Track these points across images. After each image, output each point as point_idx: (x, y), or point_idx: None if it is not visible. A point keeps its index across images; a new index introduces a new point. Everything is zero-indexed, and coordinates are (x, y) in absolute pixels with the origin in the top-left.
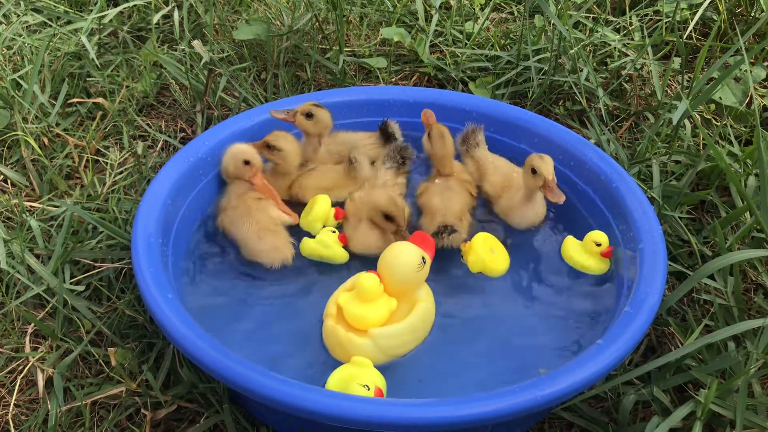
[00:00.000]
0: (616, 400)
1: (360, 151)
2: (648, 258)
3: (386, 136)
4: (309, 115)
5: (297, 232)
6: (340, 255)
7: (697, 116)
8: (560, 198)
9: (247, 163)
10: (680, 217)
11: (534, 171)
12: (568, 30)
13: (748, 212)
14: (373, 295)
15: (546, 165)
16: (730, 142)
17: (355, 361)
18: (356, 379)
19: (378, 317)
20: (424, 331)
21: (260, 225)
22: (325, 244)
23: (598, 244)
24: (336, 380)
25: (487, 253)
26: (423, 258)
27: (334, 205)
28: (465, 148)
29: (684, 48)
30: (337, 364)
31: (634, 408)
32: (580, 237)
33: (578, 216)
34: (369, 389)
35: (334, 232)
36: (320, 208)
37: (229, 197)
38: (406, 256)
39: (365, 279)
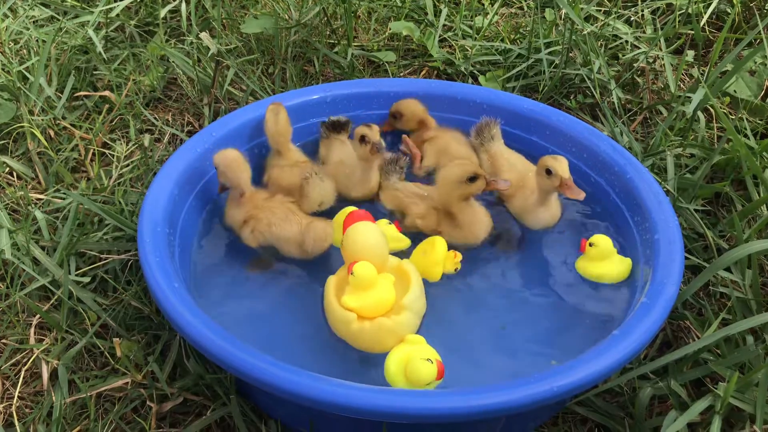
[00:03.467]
0: (632, 395)
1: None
2: (664, 248)
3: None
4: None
5: None
6: (405, 242)
7: (713, 108)
8: (580, 195)
9: None
10: (695, 210)
11: (549, 171)
12: (581, 20)
13: (765, 205)
14: (374, 279)
15: (560, 164)
16: (746, 136)
17: (409, 339)
18: (416, 355)
19: (392, 293)
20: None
21: (304, 219)
22: (392, 238)
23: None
24: (396, 361)
25: (418, 262)
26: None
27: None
28: (479, 141)
29: (699, 38)
30: (347, 350)
31: (650, 402)
32: (593, 229)
33: (592, 208)
34: (432, 362)
35: (390, 223)
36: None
37: (248, 205)
38: (373, 234)
39: (361, 270)
